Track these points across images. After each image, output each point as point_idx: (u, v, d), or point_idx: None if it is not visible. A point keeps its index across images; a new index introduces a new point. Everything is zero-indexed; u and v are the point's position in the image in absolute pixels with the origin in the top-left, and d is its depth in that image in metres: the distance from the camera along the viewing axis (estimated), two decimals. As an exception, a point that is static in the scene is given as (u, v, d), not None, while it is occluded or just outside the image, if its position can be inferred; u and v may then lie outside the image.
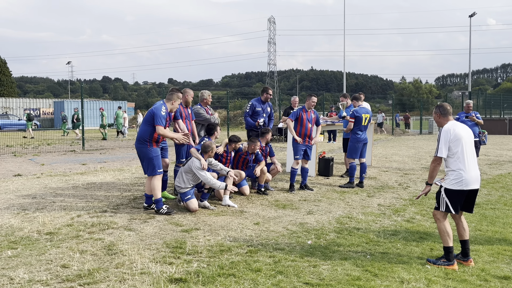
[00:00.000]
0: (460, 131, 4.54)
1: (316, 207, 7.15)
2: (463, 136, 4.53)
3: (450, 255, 4.52)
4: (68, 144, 19.88)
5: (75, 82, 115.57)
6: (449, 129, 4.53)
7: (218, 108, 34.95)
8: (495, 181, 9.79)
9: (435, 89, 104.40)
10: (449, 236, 4.54)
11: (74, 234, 5.42)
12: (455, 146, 4.48)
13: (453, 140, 4.48)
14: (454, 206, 4.52)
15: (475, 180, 4.53)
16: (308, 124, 8.34)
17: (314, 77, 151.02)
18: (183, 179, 6.67)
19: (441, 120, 4.73)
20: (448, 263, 4.49)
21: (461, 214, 4.65)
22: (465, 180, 4.47)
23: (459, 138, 4.49)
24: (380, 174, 10.60)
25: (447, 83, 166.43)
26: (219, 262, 4.51)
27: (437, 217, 4.62)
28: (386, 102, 70.16)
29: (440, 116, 4.73)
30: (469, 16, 39.51)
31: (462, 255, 4.64)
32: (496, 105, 35.69)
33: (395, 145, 19.48)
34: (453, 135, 4.49)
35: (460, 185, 4.47)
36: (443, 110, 4.71)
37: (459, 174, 4.47)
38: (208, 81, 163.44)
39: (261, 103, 8.88)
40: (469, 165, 4.49)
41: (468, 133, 4.63)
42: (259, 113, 8.78)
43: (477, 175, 4.58)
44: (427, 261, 4.61)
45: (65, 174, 10.42)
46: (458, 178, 4.47)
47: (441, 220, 4.58)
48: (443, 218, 4.58)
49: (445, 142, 4.49)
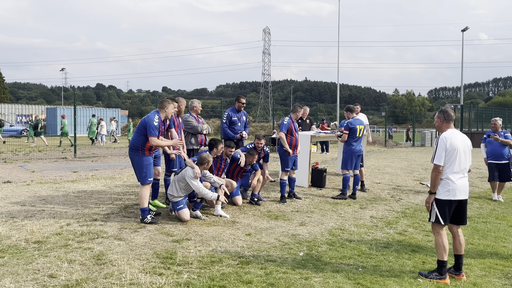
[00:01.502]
0: (456, 141, 4.52)
1: (308, 218, 7.12)
2: (459, 146, 4.51)
3: (443, 269, 4.49)
4: (60, 151, 19.72)
5: (69, 89, 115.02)
6: (446, 138, 4.51)
7: (212, 117, 34.96)
8: (487, 195, 9.82)
9: (427, 102, 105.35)
10: (445, 251, 4.50)
11: (62, 243, 5.33)
12: (448, 155, 4.47)
13: (448, 150, 4.47)
14: (443, 216, 4.50)
15: (463, 190, 4.53)
16: (296, 134, 8.40)
17: (308, 88, 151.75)
18: (176, 187, 6.61)
19: (443, 126, 4.67)
20: (440, 277, 4.47)
21: (458, 228, 4.65)
22: (453, 190, 4.47)
23: (454, 148, 4.47)
24: (372, 186, 10.60)
25: (439, 96, 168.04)
26: (210, 273, 4.45)
27: (436, 230, 4.58)
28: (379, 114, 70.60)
29: (443, 121, 4.67)
30: (462, 31, 40.05)
31: (455, 269, 4.62)
32: (488, 118, 35.94)
33: (387, 157, 19.54)
34: (449, 144, 4.48)
35: (448, 195, 4.47)
36: (447, 115, 4.65)
37: (447, 183, 4.48)
38: (202, 90, 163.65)
39: (236, 112, 8.70)
40: (458, 175, 4.50)
41: (465, 143, 4.60)
42: (235, 122, 8.60)
43: (465, 186, 4.58)
44: (419, 274, 4.58)
45: (56, 181, 10.31)
46: (446, 187, 4.48)
47: (439, 234, 4.54)
48: (441, 230, 4.54)
49: (442, 150, 4.48)
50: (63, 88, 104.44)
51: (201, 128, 7.71)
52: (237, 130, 8.59)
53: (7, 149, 19.86)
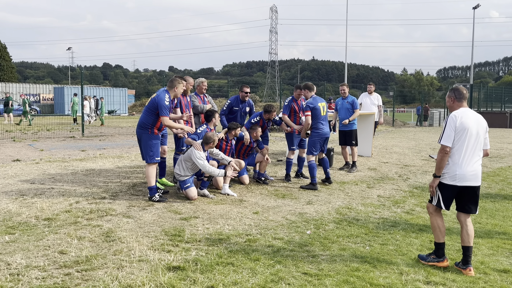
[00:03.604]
0: (468, 121, 4.14)
1: (315, 197, 7.13)
2: (470, 127, 4.14)
3: (440, 251, 4.32)
4: (68, 130, 19.83)
5: (76, 68, 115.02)
6: (456, 116, 4.16)
7: (218, 97, 34.83)
8: (495, 174, 9.77)
9: (436, 82, 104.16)
10: (441, 232, 4.33)
11: (72, 220, 5.39)
12: (457, 136, 4.13)
13: (458, 129, 4.12)
14: (445, 202, 4.27)
15: (471, 176, 4.16)
16: (301, 113, 8.27)
17: (316, 67, 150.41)
18: (182, 167, 6.63)
19: (454, 105, 4.31)
20: (438, 259, 4.29)
21: (467, 217, 4.30)
22: (459, 176, 4.15)
23: (464, 128, 4.12)
24: (380, 165, 10.57)
25: (448, 76, 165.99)
26: (218, 250, 4.49)
27: (430, 210, 4.41)
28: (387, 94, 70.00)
29: (454, 100, 4.31)
30: (473, 8, 39.17)
31: (462, 262, 4.24)
32: (498, 98, 35.56)
33: (395, 136, 19.44)
34: (459, 123, 4.13)
35: (453, 180, 4.17)
36: (459, 94, 4.28)
37: (453, 168, 4.16)
38: (209, 70, 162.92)
39: (240, 103, 8.28)
40: (467, 159, 4.15)
41: (478, 124, 4.21)
42: (235, 112, 8.24)
43: (475, 171, 4.18)
44: (418, 257, 4.42)
45: (64, 160, 10.39)
46: (452, 172, 4.17)
47: (433, 214, 4.37)
48: (436, 212, 4.36)
49: (451, 130, 4.14)
50: (70, 67, 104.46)
51: (201, 108, 7.64)
52: (237, 121, 8.15)
53: (16, 128, 20.00)
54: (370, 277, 3.94)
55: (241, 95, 8.31)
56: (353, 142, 9.86)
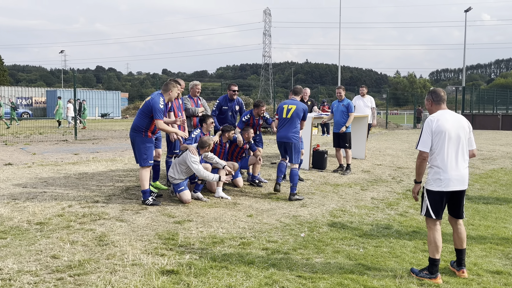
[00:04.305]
0: (446, 123, 3.98)
1: (309, 200, 7.13)
2: (448, 129, 3.97)
3: (433, 268, 4.03)
4: (61, 133, 19.71)
5: (68, 71, 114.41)
6: (432, 120, 4.01)
7: (212, 100, 34.79)
8: (488, 176, 9.83)
9: (429, 84, 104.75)
10: (437, 248, 4.05)
11: (64, 224, 5.35)
12: (435, 139, 3.98)
13: (435, 132, 3.97)
14: (434, 210, 4.05)
15: (456, 180, 4.00)
16: None
17: (309, 70, 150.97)
18: (177, 170, 6.61)
19: (433, 107, 4.16)
20: (430, 276, 4.01)
21: (457, 221, 4.20)
22: (445, 180, 3.98)
23: (441, 131, 3.96)
24: (373, 167, 10.60)
25: (441, 78, 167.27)
26: (212, 254, 4.47)
27: (428, 225, 4.14)
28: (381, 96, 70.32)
29: (432, 103, 4.17)
30: (465, 11, 39.48)
31: (457, 263, 4.20)
32: (490, 100, 35.85)
33: (388, 139, 19.51)
34: (435, 126, 3.97)
35: (439, 186, 3.99)
36: (436, 96, 4.15)
37: (437, 173, 4.01)
38: (202, 72, 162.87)
39: (228, 101, 8.24)
40: (450, 163, 3.98)
41: (459, 124, 4.06)
42: (225, 112, 8.22)
43: (461, 175, 4.03)
44: (411, 270, 4.16)
45: (57, 163, 10.32)
46: (436, 177, 4.01)
47: (431, 228, 4.10)
48: (434, 225, 4.09)
49: (427, 135, 3.99)
50: (62, 70, 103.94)
51: (193, 111, 7.62)
52: (227, 121, 8.17)
53: (8, 132, 19.84)
54: (364, 280, 3.94)
55: (229, 93, 8.29)
56: (347, 144, 9.87)
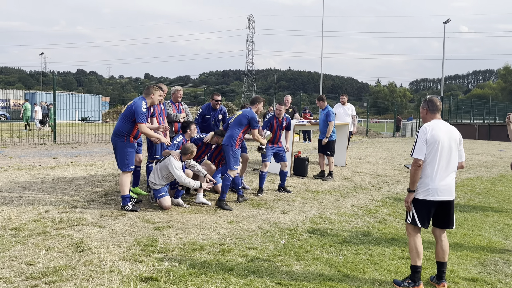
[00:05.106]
0: (439, 133, 4.02)
1: (290, 206, 7.15)
2: (441, 139, 4.01)
3: (416, 276, 4.06)
4: (39, 137, 19.34)
5: (48, 74, 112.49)
6: (427, 129, 4.04)
7: (194, 105, 34.68)
8: (464, 185, 10.02)
9: (409, 93, 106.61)
10: (418, 254, 4.07)
11: (41, 230, 5.24)
12: (428, 148, 4.00)
13: (429, 142, 4.00)
14: (420, 218, 4.06)
15: (444, 190, 4.03)
16: (279, 131, 8.33)
17: (292, 77, 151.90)
18: (158, 175, 6.56)
19: (427, 116, 4.19)
20: (413, 284, 4.05)
21: (442, 232, 4.21)
22: (433, 190, 4.00)
23: (435, 140, 3.99)
24: (354, 175, 10.70)
25: (420, 88, 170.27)
26: (191, 261, 4.44)
27: (408, 231, 4.17)
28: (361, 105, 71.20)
29: (427, 111, 4.18)
30: (444, 23, 40.40)
31: (437, 277, 4.18)
32: (467, 110, 36.59)
33: (369, 146, 19.73)
34: (430, 135, 4.00)
35: (427, 195, 4.02)
36: (432, 105, 4.16)
37: (426, 182, 4.02)
38: (185, 78, 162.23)
39: (212, 110, 8.22)
40: (440, 173, 4.01)
41: (451, 135, 4.09)
42: (207, 120, 8.22)
43: (449, 185, 4.06)
44: (393, 282, 4.15)
45: (34, 168, 10.11)
46: (424, 186, 4.02)
47: (411, 235, 4.13)
48: (414, 232, 4.12)
49: (422, 142, 4.01)
50: (42, 73, 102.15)
51: (174, 116, 7.59)
52: (210, 129, 8.09)
53: (-16, 135, 19.37)
54: (343, 287, 3.97)
55: (212, 103, 8.28)
56: (328, 152, 9.95)
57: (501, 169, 13.10)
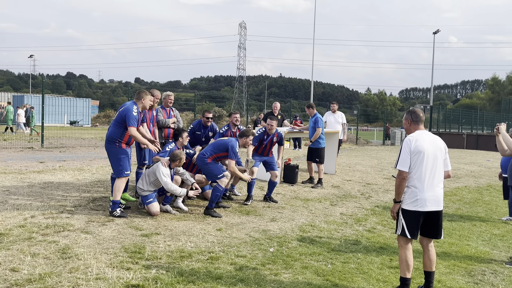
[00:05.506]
0: (423, 144, 4.04)
1: (279, 214, 7.13)
2: (426, 149, 4.02)
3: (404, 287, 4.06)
4: (26, 140, 19.11)
5: (37, 77, 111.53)
6: (411, 140, 4.06)
7: (185, 111, 34.60)
8: (453, 194, 10.10)
9: (398, 102, 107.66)
10: (408, 267, 4.06)
11: (26, 235, 5.16)
12: (413, 159, 4.01)
13: (413, 152, 4.01)
14: (410, 229, 4.05)
15: (432, 200, 4.03)
16: (269, 145, 8.21)
17: (283, 84, 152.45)
18: (146, 181, 6.51)
19: (411, 127, 4.22)
20: None
21: (429, 242, 4.22)
22: (422, 200, 4.00)
23: (419, 151, 4.00)
24: (343, 183, 10.73)
25: (410, 96, 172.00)
26: (179, 268, 4.40)
27: (400, 243, 4.17)
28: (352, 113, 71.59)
29: (411, 123, 4.21)
30: (433, 33, 40.92)
31: (424, 287, 4.19)
32: (455, 120, 37.00)
33: (358, 154, 19.83)
34: (414, 146, 4.02)
35: (415, 205, 4.01)
36: (415, 116, 4.19)
37: (413, 193, 4.02)
38: (176, 83, 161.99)
39: (203, 127, 8.13)
40: (427, 183, 4.02)
41: (436, 145, 4.12)
42: (198, 137, 8.14)
43: (437, 195, 4.07)
44: None
45: (21, 172, 9.97)
46: (413, 197, 4.02)
47: (403, 247, 4.12)
48: (406, 244, 4.11)
49: (406, 154, 4.02)
50: (31, 75, 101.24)
51: (163, 122, 7.55)
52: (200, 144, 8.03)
53: (-30, 137, 19.08)
54: (332, 296, 3.95)
55: (203, 120, 8.17)
56: (317, 159, 9.98)
57: (488, 179, 13.24)
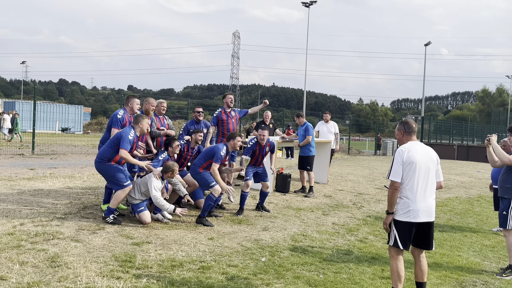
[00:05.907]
0: (415, 154, 4.05)
1: (271, 223, 7.12)
2: (418, 160, 4.03)
3: None
4: (17, 147, 18.94)
5: (29, 83, 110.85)
6: (403, 151, 4.08)
7: (178, 119, 34.53)
8: (444, 205, 10.16)
9: (390, 112, 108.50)
10: (399, 279, 4.05)
11: (15, 243, 5.09)
12: (405, 170, 4.02)
13: (405, 163, 4.02)
14: (402, 240, 4.05)
15: (425, 211, 4.04)
16: (261, 157, 8.15)
17: (276, 93, 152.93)
18: (138, 190, 6.47)
19: (404, 138, 4.23)
20: None
21: (421, 253, 4.23)
22: (414, 211, 4.00)
23: (412, 161, 4.01)
24: (335, 192, 10.75)
25: (401, 107, 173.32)
26: (170, 277, 4.36)
27: (391, 253, 4.18)
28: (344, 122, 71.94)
29: (403, 133, 4.22)
30: (425, 45, 41.46)
31: None
32: (446, 131, 37.34)
33: (350, 164, 19.89)
34: (406, 157, 4.03)
35: (408, 216, 4.01)
36: (408, 127, 4.20)
37: (406, 203, 4.02)
38: (169, 91, 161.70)
39: (195, 124, 8.31)
40: (419, 194, 4.02)
41: (428, 156, 4.14)
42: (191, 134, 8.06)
43: (429, 206, 4.07)
44: None
45: (11, 179, 9.86)
46: (405, 207, 4.02)
47: (394, 258, 4.12)
48: (397, 255, 4.11)
49: (398, 165, 4.03)
50: (23, 81, 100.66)
51: (156, 133, 7.55)
52: None
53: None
54: (323, 307, 3.94)
55: (194, 115, 8.40)
56: (308, 167, 10.00)
57: (479, 189, 13.34)
